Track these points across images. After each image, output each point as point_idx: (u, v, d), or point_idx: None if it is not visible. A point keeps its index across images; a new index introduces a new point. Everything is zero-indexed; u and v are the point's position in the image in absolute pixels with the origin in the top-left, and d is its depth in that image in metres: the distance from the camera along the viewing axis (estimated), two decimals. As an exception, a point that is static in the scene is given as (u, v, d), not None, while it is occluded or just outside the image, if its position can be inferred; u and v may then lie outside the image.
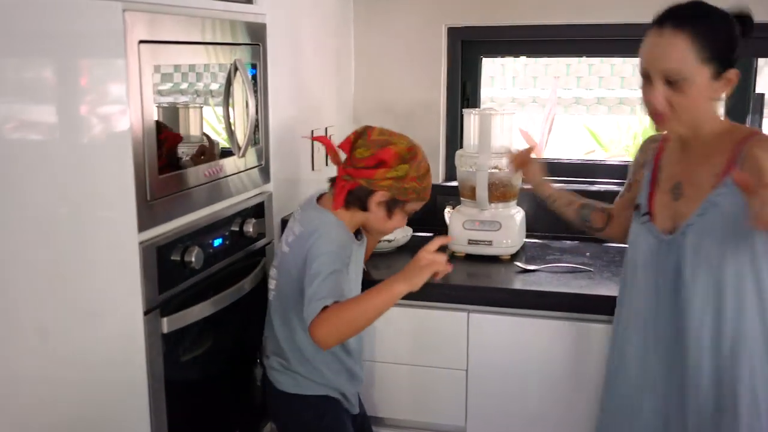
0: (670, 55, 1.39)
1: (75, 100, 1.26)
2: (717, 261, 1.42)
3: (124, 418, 1.43)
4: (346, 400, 1.80)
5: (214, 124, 1.74)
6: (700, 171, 1.48)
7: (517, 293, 1.96)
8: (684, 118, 1.43)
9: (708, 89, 1.41)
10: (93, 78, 1.31)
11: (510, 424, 2.01)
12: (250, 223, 1.81)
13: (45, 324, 1.22)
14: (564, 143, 3.90)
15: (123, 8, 1.33)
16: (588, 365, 1.91)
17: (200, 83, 1.66)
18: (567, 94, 4.21)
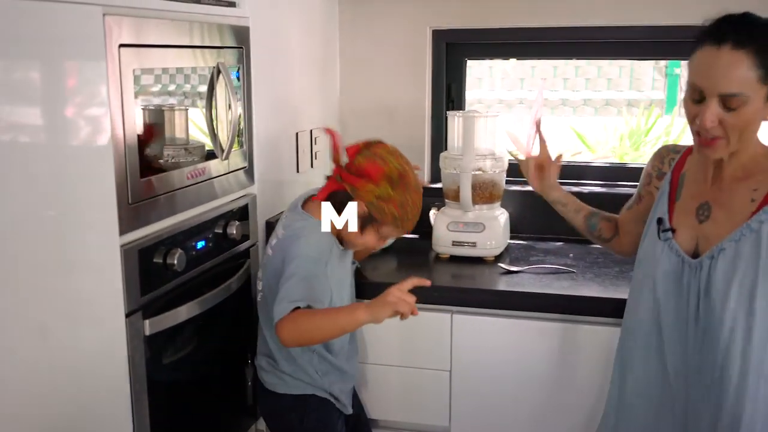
0: (732, 76, 1.29)
1: (56, 103, 1.27)
2: (749, 289, 1.35)
3: (106, 420, 1.44)
4: (336, 400, 1.81)
5: (201, 124, 1.74)
6: (734, 194, 1.41)
7: (500, 294, 1.97)
8: (734, 140, 1.35)
9: (763, 110, 1.33)
10: (74, 81, 1.31)
11: (493, 424, 2.02)
12: (234, 226, 1.82)
13: (27, 325, 1.22)
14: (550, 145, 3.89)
15: (103, 12, 1.33)
16: (571, 366, 1.93)
17: (187, 85, 1.66)
18: (554, 96, 4.24)
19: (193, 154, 1.70)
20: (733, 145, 1.36)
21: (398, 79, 2.58)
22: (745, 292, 1.35)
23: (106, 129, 1.36)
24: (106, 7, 1.34)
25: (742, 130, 1.34)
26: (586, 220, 1.83)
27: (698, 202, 1.46)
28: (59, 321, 1.29)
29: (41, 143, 1.24)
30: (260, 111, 1.95)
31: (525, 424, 2.00)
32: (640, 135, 3.93)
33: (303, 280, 1.56)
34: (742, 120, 1.33)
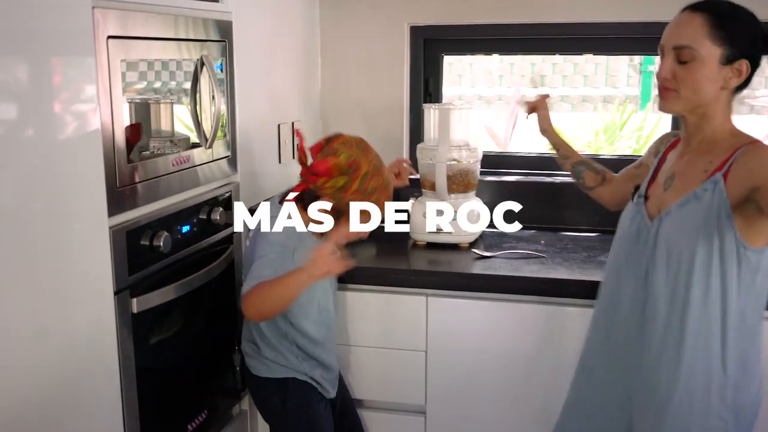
0: (684, 31, 1.45)
1: (48, 92, 1.34)
2: (688, 253, 1.46)
3: (96, 393, 1.51)
4: (318, 384, 1.89)
5: (186, 118, 1.82)
6: (693, 166, 1.52)
7: (473, 277, 2.07)
8: (685, 93, 1.47)
9: (715, 72, 1.44)
10: (64, 71, 1.38)
11: (467, 402, 2.11)
12: (218, 212, 1.90)
13: (20, 302, 1.29)
14: (529, 139, 4.02)
15: (92, 5, 1.41)
16: (541, 345, 2.02)
17: (172, 82, 1.74)
18: (532, 93, 4.34)
19: (178, 146, 1.77)
20: (684, 100, 1.47)
21: (377, 73, 2.66)
22: (684, 255, 1.46)
23: (95, 116, 1.44)
24: (94, 0, 1.41)
25: (693, 88, 1.45)
26: (573, 167, 1.99)
27: (668, 174, 1.58)
28: (51, 298, 1.37)
29: (35, 129, 1.32)
30: (243, 103, 2.03)
31: (498, 402, 2.09)
32: (615, 130, 4.04)
33: (269, 261, 1.65)
34: (692, 76, 1.45)
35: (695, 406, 1.49)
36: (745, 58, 1.45)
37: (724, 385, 1.48)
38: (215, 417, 1.99)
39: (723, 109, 1.49)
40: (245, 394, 2.13)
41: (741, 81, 1.47)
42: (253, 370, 1.88)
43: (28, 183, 1.30)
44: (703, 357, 1.48)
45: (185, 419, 1.84)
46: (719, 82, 1.46)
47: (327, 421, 1.91)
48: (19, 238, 1.29)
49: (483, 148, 2.46)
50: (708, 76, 1.45)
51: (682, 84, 1.47)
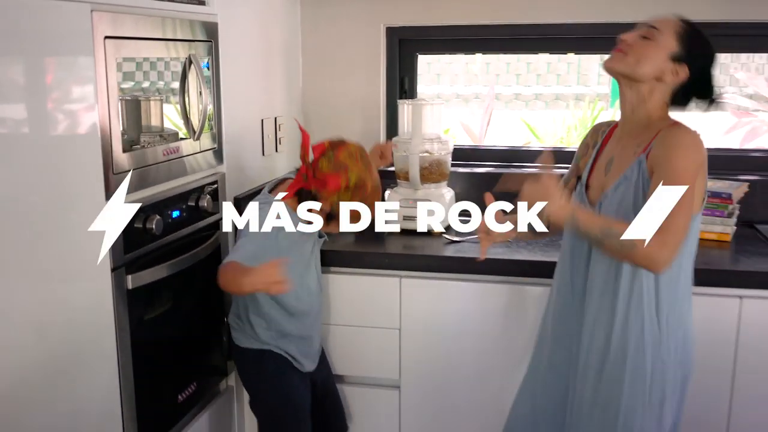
0: (663, 19, 1.66)
1: (51, 87, 1.49)
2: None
3: (94, 363, 1.66)
4: (292, 359, 2.05)
5: (174, 115, 1.96)
6: (627, 149, 1.68)
7: (442, 260, 2.23)
8: (630, 59, 1.63)
9: (662, 58, 1.62)
10: (66, 67, 1.53)
11: (439, 376, 2.27)
12: (205, 199, 2.05)
13: (26, 278, 1.44)
14: (504, 135, 4.21)
15: (91, 9, 1.56)
16: (504, 321, 2.19)
17: (160, 82, 1.89)
18: (507, 91, 4.51)
19: (167, 140, 1.91)
20: (626, 64, 1.64)
21: (356, 71, 2.82)
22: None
23: (94, 109, 1.59)
24: (93, 4, 1.57)
25: (638, 57, 1.63)
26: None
27: (608, 158, 1.74)
28: (55, 274, 1.52)
29: (39, 122, 1.47)
30: (228, 98, 2.18)
31: (467, 375, 2.26)
32: (586, 126, 4.22)
33: (252, 237, 1.83)
34: (644, 50, 1.63)
35: (629, 363, 1.65)
36: (690, 69, 1.63)
37: (657, 342, 1.65)
38: (203, 390, 2.14)
39: (658, 100, 1.65)
40: (232, 370, 2.28)
41: (673, 84, 1.63)
42: (235, 340, 2.05)
43: (34, 171, 1.45)
44: (635, 317, 1.64)
45: (176, 390, 1.99)
46: (659, 69, 1.62)
47: (302, 393, 2.07)
48: (27, 219, 1.44)
49: (459, 143, 2.62)
50: (655, 57, 1.62)
51: (633, 51, 1.64)
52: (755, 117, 5.30)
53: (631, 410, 1.66)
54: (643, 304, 1.65)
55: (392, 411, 2.33)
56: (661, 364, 1.65)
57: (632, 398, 1.66)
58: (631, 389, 1.66)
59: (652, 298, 1.65)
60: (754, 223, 2.52)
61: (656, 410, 1.66)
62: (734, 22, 2.53)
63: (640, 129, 1.68)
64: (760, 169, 2.66)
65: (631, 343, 1.65)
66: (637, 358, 1.65)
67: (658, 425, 1.67)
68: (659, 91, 1.65)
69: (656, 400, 1.66)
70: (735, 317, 2.06)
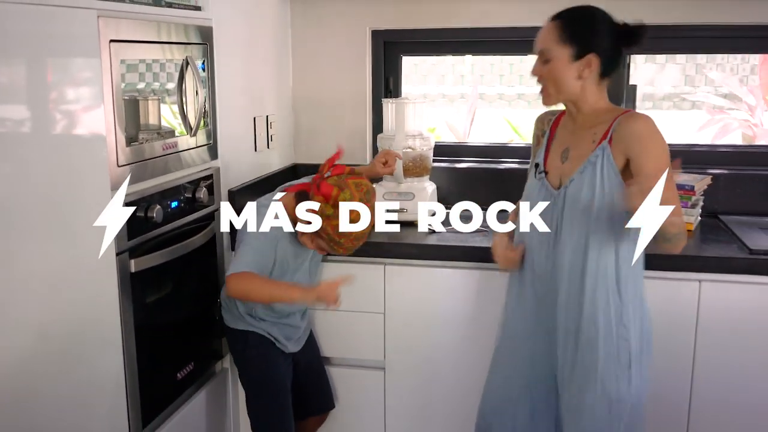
0: (542, 36, 1.81)
1: (61, 85, 1.64)
2: (588, 212, 1.78)
3: (101, 340, 1.80)
4: (275, 340, 2.20)
5: (169, 114, 2.10)
6: (583, 139, 1.84)
7: (424, 248, 2.38)
8: (551, 89, 1.81)
9: (568, 67, 1.77)
10: (76, 67, 1.68)
11: (421, 357, 2.43)
12: (202, 192, 2.19)
13: (39, 263, 1.59)
14: (487, 133, 4.37)
15: (97, 14, 1.71)
16: (481, 304, 2.34)
17: (156, 83, 2.03)
18: (491, 91, 4.66)
19: (164, 137, 2.05)
20: (554, 94, 1.82)
21: (343, 72, 2.97)
22: (585, 213, 1.80)
23: (100, 106, 1.73)
24: (99, 11, 1.71)
25: (554, 82, 1.80)
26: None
27: (562, 148, 1.90)
28: (65, 258, 1.66)
29: (51, 120, 1.61)
30: (222, 97, 2.32)
31: (449, 356, 2.41)
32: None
33: (253, 250, 2.02)
34: (551, 73, 1.80)
35: (600, 331, 1.83)
36: (593, 53, 1.77)
37: (620, 310, 1.82)
38: (201, 370, 2.29)
39: (592, 93, 1.82)
40: (227, 353, 2.42)
41: (594, 72, 1.78)
42: (225, 320, 2.23)
43: (47, 164, 1.60)
44: (601, 289, 1.82)
45: (175, 368, 2.14)
46: (574, 75, 1.79)
47: (283, 371, 2.23)
48: (41, 208, 1.58)
49: (444, 141, 2.76)
50: (562, 71, 1.78)
51: (547, 81, 1.81)
52: (728, 115, 5.50)
53: (606, 372, 1.84)
54: (606, 278, 1.82)
55: (377, 391, 2.48)
56: (625, 330, 1.83)
57: (606, 362, 1.83)
58: (605, 353, 1.83)
59: (612, 273, 1.82)
60: (718, 214, 2.68)
61: (626, 372, 1.84)
62: (710, 25, 2.69)
63: (591, 121, 1.85)
64: (727, 164, 2.82)
65: (600, 313, 1.83)
66: (605, 325, 1.83)
67: (629, 386, 1.85)
68: (587, 85, 1.81)
69: (624, 362, 1.83)
70: (695, 300, 2.22)
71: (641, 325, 1.87)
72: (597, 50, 1.78)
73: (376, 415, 2.49)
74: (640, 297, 1.89)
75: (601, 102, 1.86)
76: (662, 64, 6.27)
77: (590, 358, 1.85)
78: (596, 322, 1.83)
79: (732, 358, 2.23)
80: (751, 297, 2.19)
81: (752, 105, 5.97)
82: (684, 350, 2.25)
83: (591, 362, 1.85)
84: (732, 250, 2.26)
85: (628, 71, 2.88)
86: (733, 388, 2.24)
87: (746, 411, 2.25)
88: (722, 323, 2.22)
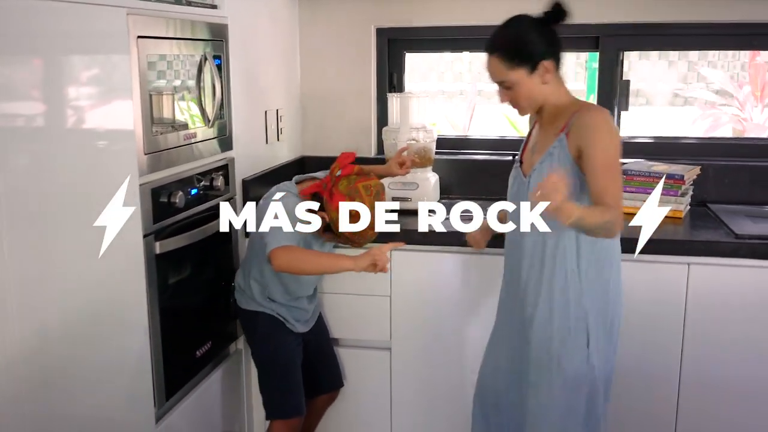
0: (492, 71, 1.93)
1: (96, 77, 1.76)
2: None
3: (129, 317, 1.93)
4: (284, 320, 2.33)
5: (190, 105, 2.22)
6: (547, 132, 1.98)
7: (428, 234, 2.50)
8: (524, 104, 1.95)
9: (530, 82, 1.89)
10: (108, 62, 1.80)
11: (425, 337, 2.56)
12: (218, 180, 2.32)
13: (74, 242, 1.71)
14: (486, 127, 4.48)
15: (127, 12, 1.83)
16: (481, 286, 2.47)
17: (177, 80, 2.16)
18: (489, 87, 4.79)
19: (178, 129, 2.16)
20: (527, 107, 1.96)
21: (349, 68, 3.09)
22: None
23: (131, 97, 1.86)
24: (128, 8, 1.84)
25: (526, 98, 1.93)
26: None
27: (534, 141, 2.05)
28: (98, 238, 1.78)
29: (90, 108, 1.74)
30: (236, 92, 2.45)
31: (451, 337, 2.54)
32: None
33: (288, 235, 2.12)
34: (518, 94, 1.92)
35: (555, 312, 1.95)
36: (544, 59, 1.88)
37: (579, 293, 1.94)
38: (217, 349, 2.42)
39: (553, 90, 1.93)
40: (241, 335, 2.55)
41: (552, 71, 1.90)
42: (237, 302, 2.36)
43: (82, 152, 1.72)
44: (559, 270, 1.94)
45: (195, 346, 2.26)
46: (538, 84, 1.91)
47: (292, 350, 2.36)
48: (77, 191, 1.70)
49: (446, 134, 2.88)
50: (528, 87, 1.91)
51: (518, 100, 1.94)
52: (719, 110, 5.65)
53: (563, 351, 1.96)
54: (565, 261, 1.94)
55: (384, 371, 2.61)
56: (582, 311, 1.94)
57: (562, 341, 1.95)
58: (560, 333, 1.95)
59: (573, 256, 1.94)
60: (706, 203, 2.81)
61: (583, 351, 1.95)
62: (700, 23, 2.83)
63: (553, 116, 1.98)
64: (716, 155, 2.96)
65: (556, 294, 1.95)
66: (562, 306, 1.95)
67: (587, 364, 1.96)
68: (550, 87, 1.93)
69: (581, 342, 1.95)
70: (684, 281, 2.35)
71: (605, 307, 1.97)
72: (544, 55, 1.89)
73: (383, 393, 2.62)
74: (606, 279, 1.98)
75: (563, 97, 1.96)
76: (655, 61, 6.42)
77: (545, 337, 1.97)
78: (552, 301, 1.95)
79: (719, 335, 2.36)
80: (737, 279, 2.33)
81: (742, 101, 6.13)
82: (674, 329, 2.38)
83: (546, 340, 1.97)
84: (719, 235, 2.40)
85: (622, 68, 3.02)
86: (720, 363, 2.38)
87: (733, 384, 2.39)
88: (710, 303, 2.36)
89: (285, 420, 2.34)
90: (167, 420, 2.11)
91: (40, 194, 1.60)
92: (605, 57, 2.98)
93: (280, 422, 2.34)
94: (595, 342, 1.97)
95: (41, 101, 1.60)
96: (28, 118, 1.57)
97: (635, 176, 2.66)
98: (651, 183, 2.63)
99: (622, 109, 3.02)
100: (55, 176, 1.64)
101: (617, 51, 2.97)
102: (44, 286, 1.62)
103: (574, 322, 1.95)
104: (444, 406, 2.59)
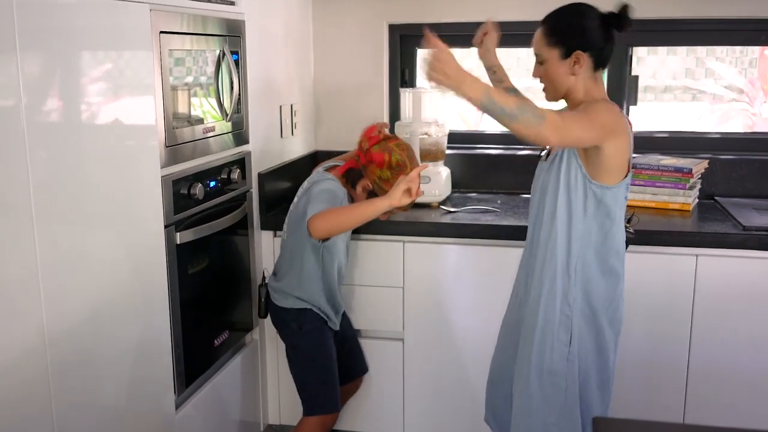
0: (534, 42, 1.95)
1: (120, 71, 1.81)
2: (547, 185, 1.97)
3: (152, 304, 1.98)
4: (326, 317, 2.37)
5: (208, 100, 2.28)
6: None
7: (440, 226, 2.56)
8: (549, 87, 1.96)
9: (560, 65, 1.90)
10: (131, 56, 1.86)
11: (437, 328, 2.61)
12: (236, 173, 2.37)
13: (100, 231, 1.77)
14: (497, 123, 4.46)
15: (150, 8, 1.89)
16: (494, 277, 2.51)
17: (197, 75, 2.21)
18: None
19: (196, 125, 2.22)
20: (551, 91, 1.97)
21: (362, 64, 3.14)
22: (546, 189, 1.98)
23: (153, 91, 1.91)
24: (151, 4, 1.89)
25: (551, 81, 1.94)
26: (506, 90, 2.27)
27: None
28: (122, 228, 1.84)
29: (113, 101, 1.79)
30: (252, 87, 2.50)
31: (463, 328, 2.59)
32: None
33: (324, 201, 2.19)
34: (547, 73, 1.94)
35: (542, 304, 1.97)
36: (580, 49, 1.88)
37: (566, 289, 1.95)
38: (234, 339, 2.47)
39: (585, 86, 1.92)
40: (257, 326, 2.61)
41: (585, 66, 1.89)
42: (277, 302, 2.35)
43: (107, 145, 1.77)
44: (549, 263, 1.96)
45: (213, 335, 2.32)
46: (566, 72, 1.91)
47: (331, 345, 2.40)
48: (103, 182, 1.76)
49: (457, 129, 2.93)
50: (555, 71, 1.92)
51: (545, 80, 1.96)
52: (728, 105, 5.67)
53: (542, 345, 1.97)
54: (556, 252, 1.95)
55: (397, 360, 2.66)
56: (568, 308, 1.95)
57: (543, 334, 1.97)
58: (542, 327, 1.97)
59: (563, 250, 1.95)
60: (714, 196, 2.85)
61: (564, 348, 1.95)
62: (710, 19, 2.86)
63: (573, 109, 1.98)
64: (724, 149, 2.99)
65: (545, 289, 1.97)
66: (548, 301, 1.96)
67: (566, 362, 1.96)
68: (580, 80, 1.92)
69: (563, 339, 1.95)
70: (692, 272, 2.39)
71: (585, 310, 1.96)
72: (583, 47, 1.89)
73: (396, 382, 2.67)
74: (597, 280, 1.96)
75: (596, 93, 1.95)
76: (663, 56, 6.43)
77: (530, 329, 2.01)
78: (540, 294, 1.98)
79: (726, 325, 2.40)
80: (744, 270, 2.37)
81: (752, 96, 6.16)
82: (682, 319, 2.42)
83: (530, 333, 2.00)
84: (727, 227, 2.44)
85: (631, 63, 3.05)
86: (727, 353, 2.42)
87: (740, 374, 2.43)
88: (717, 294, 2.40)
89: (324, 416, 2.36)
90: (186, 407, 2.17)
91: (68, 187, 1.65)
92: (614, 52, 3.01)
93: (317, 417, 2.35)
94: (577, 344, 1.96)
95: (66, 97, 1.65)
96: (56, 113, 1.62)
97: (643, 170, 2.70)
98: (659, 177, 2.67)
99: (630, 104, 3.06)
100: (82, 169, 1.69)
101: (626, 47, 3.01)
102: (71, 276, 1.68)
103: (559, 317, 1.96)
104: (456, 396, 2.64)
